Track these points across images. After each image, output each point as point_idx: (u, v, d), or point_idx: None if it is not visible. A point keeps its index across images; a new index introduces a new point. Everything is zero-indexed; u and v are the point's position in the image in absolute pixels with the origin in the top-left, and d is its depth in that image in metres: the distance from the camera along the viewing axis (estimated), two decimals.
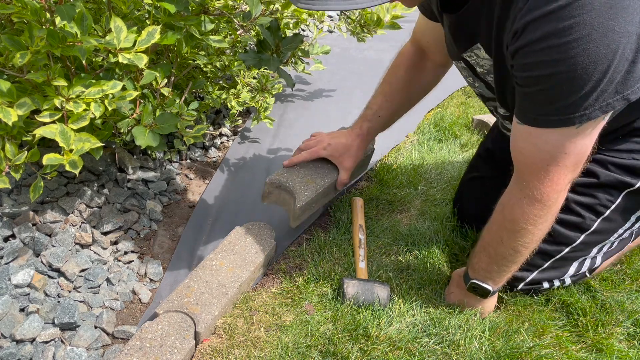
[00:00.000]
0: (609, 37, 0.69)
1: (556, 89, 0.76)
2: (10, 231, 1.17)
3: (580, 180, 1.04)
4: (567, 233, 1.07)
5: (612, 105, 0.76)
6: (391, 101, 1.28)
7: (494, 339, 1.04)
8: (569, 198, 1.05)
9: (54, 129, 0.90)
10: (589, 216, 1.05)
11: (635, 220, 1.07)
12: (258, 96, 1.67)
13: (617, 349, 1.05)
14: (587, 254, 1.11)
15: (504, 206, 0.95)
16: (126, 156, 1.46)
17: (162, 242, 1.32)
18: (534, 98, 0.81)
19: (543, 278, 1.14)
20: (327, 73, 2.31)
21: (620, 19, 0.68)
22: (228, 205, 1.48)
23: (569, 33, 0.70)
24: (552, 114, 0.79)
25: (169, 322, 0.99)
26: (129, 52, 0.93)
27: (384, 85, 1.30)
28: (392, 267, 1.24)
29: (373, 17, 1.59)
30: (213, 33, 1.18)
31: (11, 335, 0.98)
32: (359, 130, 1.29)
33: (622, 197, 1.03)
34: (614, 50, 0.70)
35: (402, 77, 1.27)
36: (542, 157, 0.84)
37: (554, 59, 0.73)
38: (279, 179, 1.24)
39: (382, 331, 1.03)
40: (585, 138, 0.81)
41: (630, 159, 1.01)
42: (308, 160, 1.29)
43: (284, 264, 1.25)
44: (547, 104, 0.79)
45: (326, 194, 1.30)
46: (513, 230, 0.93)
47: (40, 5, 0.89)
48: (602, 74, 0.72)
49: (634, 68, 0.73)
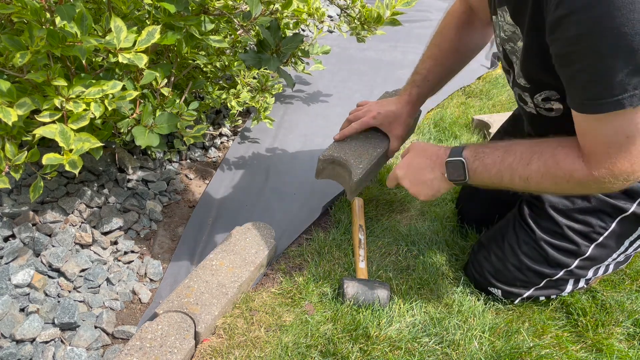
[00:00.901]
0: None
1: (599, 66, 0.70)
2: (10, 231, 1.17)
3: (573, 205, 1.04)
4: (562, 258, 1.07)
5: None
6: (441, 65, 1.23)
7: (494, 339, 1.04)
8: (563, 224, 1.05)
9: (54, 129, 0.90)
10: (583, 243, 1.05)
11: (629, 244, 1.06)
12: (258, 96, 1.67)
13: (617, 349, 1.05)
14: (583, 276, 1.11)
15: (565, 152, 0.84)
16: (126, 156, 1.46)
17: (162, 242, 1.32)
18: (579, 80, 0.74)
19: (540, 294, 1.14)
20: (327, 73, 2.31)
21: None
22: (228, 205, 1.47)
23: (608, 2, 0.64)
24: (600, 97, 0.72)
25: (169, 322, 0.99)
26: (129, 52, 0.93)
27: (432, 48, 1.24)
28: (392, 267, 1.24)
29: (373, 15, 1.59)
30: (213, 33, 1.18)
31: (11, 335, 0.98)
32: (408, 97, 1.25)
33: (616, 224, 1.02)
34: None
35: (452, 38, 1.21)
36: (603, 142, 0.77)
37: (595, 30, 0.67)
38: (332, 154, 1.20)
39: (382, 331, 1.03)
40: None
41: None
42: (359, 131, 1.25)
43: (284, 264, 1.25)
44: (592, 85, 0.72)
45: (379, 164, 1.27)
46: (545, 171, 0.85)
47: (40, 5, 0.88)
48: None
49: None
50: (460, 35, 1.21)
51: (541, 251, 1.07)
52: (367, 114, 1.26)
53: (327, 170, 1.24)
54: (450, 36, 1.22)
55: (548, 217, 1.07)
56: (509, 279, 1.12)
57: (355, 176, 1.15)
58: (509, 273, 1.11)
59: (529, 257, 1.09)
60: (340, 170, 1.22)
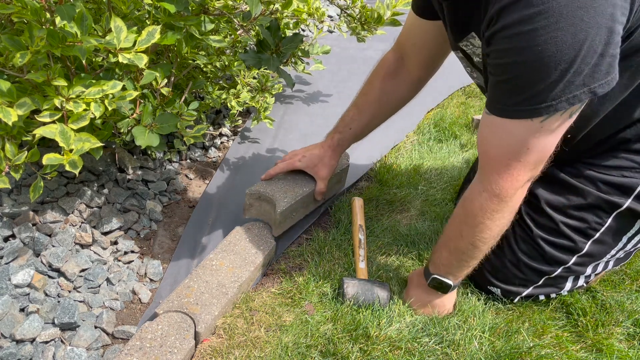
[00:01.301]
0: (576, 27, 0.69)
1: (524, 78, 0.75)
2: (10, 231, 1.17)
3: (568, 202, 1.05)
4: (559, 255, 1.07)
5: (578, 98, 0.75)
6: (363, 113, 1.30)
7: (494, 339, 1.04)
8: (559, 221, 1.05)
9: (54, 129, 0.90)
10: (580, 239, 1.05)
11: (627, 240, 1.06)
12: (258, 96, 1.67)
13: (617, 349, 1.05)
14: (581, 273, 1.11)
15: (464, 199, 0.96)
16: (126, 156, 1.46)
17: (162, 242, 1.32)
18: (503, 87, 0.80)
19: (539, 293, 1.14)
20: (327, 73, 2.31)
21: (590, 9, 0.68)
22: (228, 205, 1.47)
23: (537, 20, 0.70)
24: (519, 105, 0.78)
25: (169, 322, 0.99)
26: (129, 52, 0.93)
27: (359, 97, 1.32)
28: (392, 267, 1.24)
29: (373, 15, 1.59)
30: (213, 33, 1.18)
31: (11, 335, 0.98)
32: (330, 142, 1.33)
33: (612, 219, 1.02)
34: (582, 41, 0.69)
35: (376, 87, 1.28)
36: (504, 150, 0.84)
37: (522, 46, 0.72)
38: (258, 190, 1.28)
39: (382, 331, 1.03)
40: (549, 135, 0.81)
41: (619, 176, 1.00)
42: (285, 171, 1.34)
43: (284, 264, 1.25)
44: (514, 94, 0.78)
45: (306, 204, 1.35)
46: (472, 225, 0.94)
47: (40, 5, 0.88)
48: (569, 64, 0.71)
49: (602, 61, 0.72)
50: (384, 86, 1.27)
51: (538, 248, 1.07)
52: (293, 157, 1.35)
53: (254, 208, 1.30)
54: (375, 86, 1.28)
55: (544, 214, 1.07)
56: (508, 277, 1.12)
57: (279, 208, 1.22)
58: (508, 271, 1.11)
59: (527, 255, 1.09)
60: (266, 206, 1.28)
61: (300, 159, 1.34)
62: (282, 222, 1.26)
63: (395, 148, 1.78)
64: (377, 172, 1.61)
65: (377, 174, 1.61)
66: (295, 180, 1.34)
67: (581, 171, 1.04)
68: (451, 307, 1.11)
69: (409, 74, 1.25)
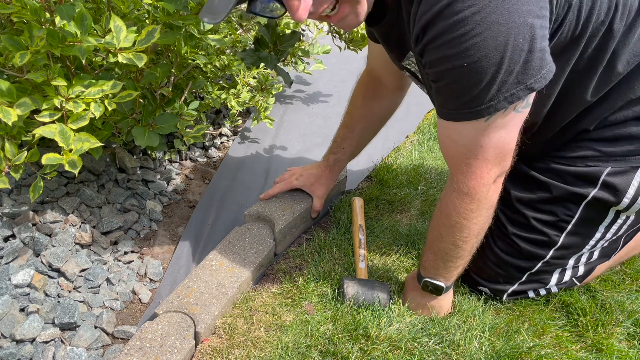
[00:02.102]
0: (494, 30, 0.71)
1: (459, 83, 0.78)
2: (10, 231, 1.17)
3: (536, 197, 1.05)
4: (535, 251, 1.07)
5: (517, 96, 0.77)
6: (353, 131, 1.34)
7: (494, 339, 1.04)
8: (529, 216, 1.06)
9: (54, 129, 0.90)
10: (553, 233, 1.05)
11: (605, 230, 1.05)
12: (258, 96, 1.67)
13: (617, 349, 1.05)
14: (564, 266, 1.11)
15: (439, 201, 0.97)
16: (126, 156, 1.46)
17: (162, 242, 1.32)
18: (444, 93, 0.83)
19: (526, 289, 1.14)
20: (328, 73, 2.31)
21: (504, 11, 0.70)
22: (228, 205, 1.47)
23: (456, 29, 0.72)
24: (461, 108, 0.81)
25: (168, 322, 0.99)
26: (128, 51, 0.93)
27: (346, 117, 1.35)
28: (392, 267, 1.24)
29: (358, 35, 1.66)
30: (212, 32, 1.18)
31: (11, 335, 0.98)
32: (327, 162, 1.37)
33: (581, 210, 1.02)
34: (504, 42, 0.71)
35: (360, 106, 1.31)
36: (460, 150, 0.86)
37: (449, 54, 0.75)
38: (257, 210, 1.30)
39: (382, 331, 1.03)
40: (499, 131, 0.82)
41: (583, 166, 1.00)
42: (283, 190, 1.37)
43: (284, 264, 1.25)
44: (454, 97, 0.81)
45: (305, 219, 1.37)
46: (449, 225, 0.95)
47: (40, 5, 0.89)
48: (497, 66, 0.73)
49: (532, 57, 0.74)
50: (367, 103, 1.31)
51: (514, 245, 1.08)
52: (291, 176, 1.38)
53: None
54: (358, 104, 1.32)
55: (515, 210, 1.08)
56: (491, 275, 1.13)
57: (278, 226, 1.25)
58: (490, 270, 1.12)
59: (505, 252, 1.10)
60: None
61: (297, 177, 1.37)
62: (282, 240, 1.28)
63: (395, 148, 1.78)
64: (377, 172, 1.61)
65: (377, 174, 1.61)
66: (293, 197, 1.36)
67: (549, 165, 1.05)
68: (449, 307, 1.11)
69: (387, 88, 1.29)
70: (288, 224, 1.28)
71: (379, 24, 0.94)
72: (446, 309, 1.11)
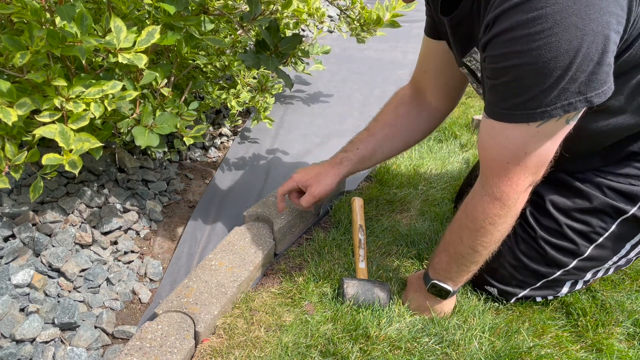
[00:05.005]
0: (570, 33, 0.68)
1: (519, 82, 0.75)
2: (10, 231, 1.17)
3: (574, 205, 1.05)
4: (560, 258, 1.06)
5: (574, 106, 0.74)
6: (373, 136, 1.25)
7: (494, 339, 1.04)
8: (563, 222, 1.05)
9: (54, 129, 0.90)
10: (582, 243, 1.04)
11: (631, 248, 1.06)
12: (258, 96, 1.67)
13: (617, 349, 1.05)
14: (580, 278, 1.11)
15: (466, 203, 0.95)
16: (126, 156, 1.46)
17: (162, 242, 1.32)
18: (499, 91, 0.80)
19: (536, 295, 1.14)
20: (327, 73, 2.31)
21: (584, 16, 0.68)
22: (228, 205, 1.48)
23: (532, 25, 0.69)
24: (515, 109, 0.78)
25: (168, 322, 0.99)
26: (128, 52, 0.93)
27: (371, 121, 1.29)
28: (392, 267, 1.24)
29: (372, 17, 1.59)
30: (213, 33, 1.18)
31: (11, 335, 0.98)
32: (333, 160, 1.26)
33: (617, 225, 1.02)
34: (577, 48, 0.69)
35: (389, 112, 1.26)
36: (503, 154, 0.84)
37: (518, 50, 0.72)
38: (256, 211, 1.32)
39: (382, 331, 1.03)
40: (546, 140, 0.80)
41: (627, 184, 1.00)
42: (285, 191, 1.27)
43: (284, 264, 1.25)
44: (510, 97, 0.78)
45: (305, 218, 1.37)
46: (473, 229, 0.93)
47: (40, 5, 0.89)
48: (564, 70, 0.71)
49: (599, 70, 0.71)
50: (397, 111, 1.26)
51: (540, 250, 1.07)
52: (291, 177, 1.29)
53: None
54: (388, 110, 1.27)
55: (548, 215, 1.07)
56: (505, 277, 1.12)
57: (277, 225, 1.26)
58: (505, 272, 1.11)
59: (527, 256, 1.09)
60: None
61: (293, 177, 1.27)
62: (282, 239, 1.29)
63: None
64: (377, 172, 1.61)
65: (377, 174, 1.61)
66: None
67: (589, 177, 1.04)
68: (449, 312, 1.11)
69: (427, 103, 1.22)
70: (287, 223, 1.28)
71: (451, 13, 0.91)
72: (447, 312, 1.10)
